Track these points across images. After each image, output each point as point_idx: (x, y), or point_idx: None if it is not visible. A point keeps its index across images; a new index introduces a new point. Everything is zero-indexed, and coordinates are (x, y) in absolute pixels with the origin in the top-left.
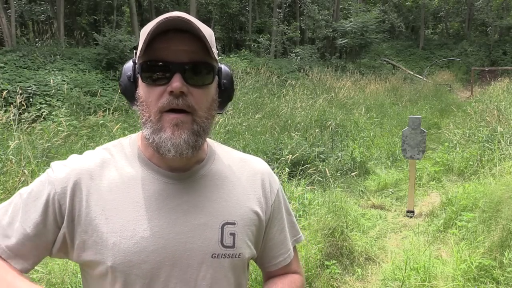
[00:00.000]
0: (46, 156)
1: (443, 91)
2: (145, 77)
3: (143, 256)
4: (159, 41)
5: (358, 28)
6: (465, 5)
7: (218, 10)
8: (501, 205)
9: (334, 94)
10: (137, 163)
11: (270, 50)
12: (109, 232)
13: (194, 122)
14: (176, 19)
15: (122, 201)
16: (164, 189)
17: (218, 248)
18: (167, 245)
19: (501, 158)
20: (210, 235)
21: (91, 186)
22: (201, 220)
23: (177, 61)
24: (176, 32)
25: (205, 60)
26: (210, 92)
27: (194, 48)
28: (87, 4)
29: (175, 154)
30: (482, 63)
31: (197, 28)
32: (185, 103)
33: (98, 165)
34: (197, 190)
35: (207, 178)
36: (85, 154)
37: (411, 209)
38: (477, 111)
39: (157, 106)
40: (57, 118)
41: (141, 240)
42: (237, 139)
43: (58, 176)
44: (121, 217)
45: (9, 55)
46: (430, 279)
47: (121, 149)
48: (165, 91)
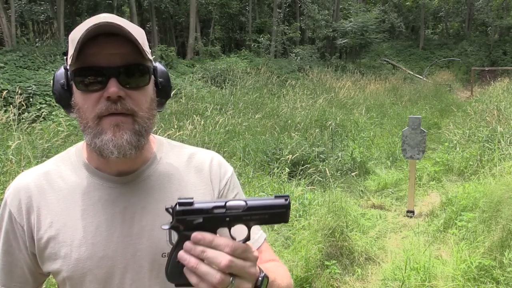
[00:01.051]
0: (46, 156)
1: (443, 91)
2: (79, 84)
3: (95, 262)
4: (90, 47)
5: (358, 28)
6: (465, 5)
7: (218, 10)
8: (501, 205)
9: (334, 94)
10: (82, 171)
11: (270, 50)
12: (60, 243)
13: (135, 123)
14: (105, 25)
15: (69, 211)
16: (109, 193)
17: (167, 247)
18: (117, 249)
19: (501, 158)
20: (159, 235)
21: (40, 200)
22: (148, 221)
23: (111, 65)
24: (106, 36)
25: (139, 61)
26: (148, 93)
27: (126, 50)
28: (87, 4)
29: (118, 155)
30: (482, 63)
31: (127, 32)
32: (124, 107)
33: (43, 178)
34: (143, 192)
35: (152, 178)
36: (31, 170)
37: (411, 209)
38: (477, 111)
39: (94, 112)
40: (57, 118)
41: (91, 246)
42: (237, 139)
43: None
44: (70, 227)
45: (9, 55)
46: (430, 279)
47: (68, 158)
48: (101, 96)
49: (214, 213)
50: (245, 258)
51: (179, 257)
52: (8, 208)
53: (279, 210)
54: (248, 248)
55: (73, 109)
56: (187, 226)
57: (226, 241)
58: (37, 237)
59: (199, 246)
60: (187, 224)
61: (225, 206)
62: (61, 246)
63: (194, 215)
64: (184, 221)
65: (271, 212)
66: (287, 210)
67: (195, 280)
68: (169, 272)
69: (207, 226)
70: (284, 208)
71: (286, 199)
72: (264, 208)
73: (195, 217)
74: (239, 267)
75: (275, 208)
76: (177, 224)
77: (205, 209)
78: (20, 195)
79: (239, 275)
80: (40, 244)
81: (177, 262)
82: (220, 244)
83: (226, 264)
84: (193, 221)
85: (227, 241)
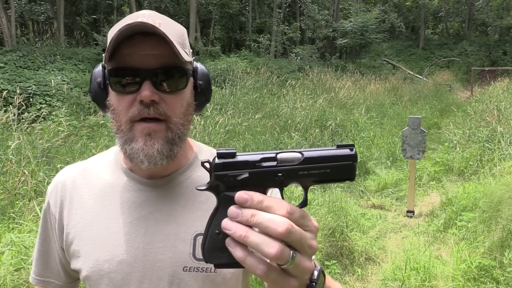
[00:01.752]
0: (46, 156)
1: (443, 91)
2: (113, 84)
3: (113, 265)
4: (126, 46)
5: (358, 28)
6: (465, 5)
7: (218, 10)
8: (501, 205)
9: (334, 94)
10: (118, 170)
11: (270, 50)
12: (85, 241)
13: (168, 130)
14: (139, 25)
15: (98, 209)
16: (138, 196)
17: (190, 261)
18: (137, 254)
19: (501, 158)
20: (182, 246)
21: (73, 195)
22: (173, 230)
23: (146, 67)
24: (143, 36)
25: (176, 63)
26: (185, 97)
27: (163, 51)
28: (87, 4)
29: (148, 165)
30: (482, 63)
31: (162, 33)
32: (157, 112)
33: (81, 173)
34: (171, 198)
35: (183, 185)
36: (73, 164)
37: (411, 209)
38: (477, 111)
39: (127, 115)
40: (57, 118)
41: (111, 248)
42: (237, 139)
43: (50, 191)
44: (95, 226)
45: (9, 55)
46: (430, 279)
47: (107, 156)
48: (135, 99)
49: (263, 167)
50: (304, 226)
51: (223, 226)
52: (47, 199)
53: (344, 162)
54: (307, 214)
55: (108, 109)
56: (229, 185)
57: (281, 201)
58: (66, 232)
59: (246, 209)
60: (229, 182)
61: (276, 158)
62: (84, 244)
63: (238, 170)
64: (225, 178)
65: (334, 166)
66: (353, 163)
67: (242, 254)
68: (207, 249)
69: (254, 184)
70: (350, 159)
71: (351, 148)
72: (325, 160)
73: (239, 172)
74: (298, 236)
75: (338, 160)
76: (216, 183)
77: (251, 161)
78: (58, 188)
79: (298, 248)
80: (67, 239)
81: (216, 234)
82: (272, 206)
83: (284, 229)
84: (237, 177)
85: (282, 202)
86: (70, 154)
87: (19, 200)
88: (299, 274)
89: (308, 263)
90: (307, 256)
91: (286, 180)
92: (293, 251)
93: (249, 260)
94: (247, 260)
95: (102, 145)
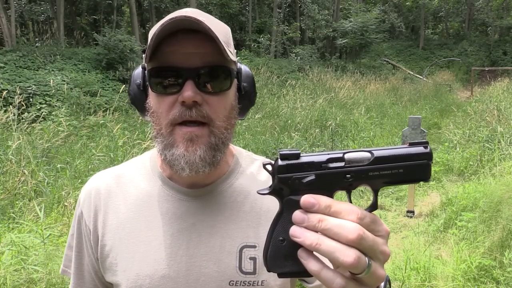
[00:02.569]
0: (46, 156)
1: (443, 91)
2: (153, 85)
3: (155, 280)
4: (168, 44)
5: (358, 28)
6: (465, 5)
7: (218, 10)
8: (501, 205)
9: (334, 94)
10: (155, 178)
11: (270, 50)
12: (122, 253)
13: (211, 135)
14: (183, 19)
15: (136, 220)
16: (178, 207)
17: (237, 275)
18: (180, 269)
19: (501, 158)
20: (227, 259)
21: (109, 204)
22: (217, 242)
23: (189, 66)
24: (186, 33)
25: (221, 63)
26: (229, 99)
27: (208, 50)
28: (87, 4)
29: (189, 173)
30: (482, 63)
31: (208, 28)
32: (200, 114)
33: (115, 181)
34: (215, 209)
35: (226, 194)
36: (105, 170)
37: (411, 209)
38: (477, 111)
39: (168, 118)
40: (57, 118)
41: (153, 262)
42: (237, 139)
43: (83, 199)
44: (134, 238)
45: (9, 55)
46: (430, 279)
47: (142, 163)
48: (176, 100)
49: (330, 168)
50: (375, 232)
51: (291, 233)
52: (80, 209)
53: (418, 162)
54: (377, 219)
55: (147, 112)
56: (293, 188)
57: (350, 206)
58: (101, 243)
59: (313, 214)
60: (293, 185)
61: (344, 159)
62: (122, 258)
63: (303, 172)
64: (290, 181)
65: (408, 165)
66: (429, 162)
67: (317, 267)
68: (270, 257)
69: (320, 187)
70: (425, 158)
71: (425, 146)
72: (398, 159)
73: (305, 174)
74: (371, 242)
75: (412, 159)
76: (279, 186)
77: (317, 162)
78: (91, 196)
79: (370, 255)
80: (103, 251)
81: (280, 241)
82: (341, 211)
83: (356, 236)
84: (302, 180)
85: (351, 206)
86: (70, 154)
87: (19, 200)
88: (373, 283)
89: (381, 271)
90: (380, 263)
91: (355, 182)
92: (368, 259)
93: (325, 273)
94: (323, 273)
95: (102, 145)
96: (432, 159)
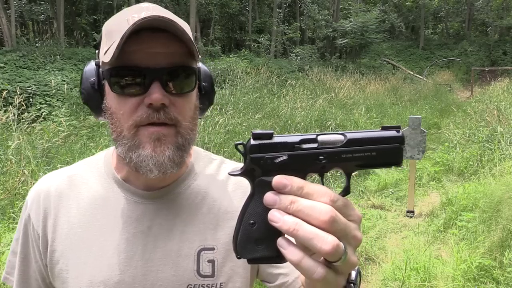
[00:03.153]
0: (46, 156)
1: (443, 91)
2: (115, 85)
3: (109, 287)
4: (131, 43)
5: (358, 28)
6: (465, 5)
7: (218, 10)
8: (501, 205)
9: (334, 94)
10: (108, 179)
11: (270, 50)
12: (74, 259)
13: (178, 135)
14: (157, 19)
15: (89, 224)
16: (133, 209)
17: (195, 278)
18: (136, 274)
19: (501, 158)
20: (184, 263)
21: (59, 207)
22: (174, 246)
23: (154, 66)
24: (152, 32)
25: (186, 63)
26: (192, 99)
27: (173, 49)
28: (87, 4)
29: (158, 174)
30: (482, 63)
31: (182, 30)
32: (167, 116)
33: (66, 182)
34: (171, 211)
35: (183, 196)
36: (56, 172)
37: (411, 209)
38: (477, 111)
39: (132, 119)
40: (57, 118)
41: (106, 268)
42: (237, 139)
43: (31, 202)
44: (86, 242)
45: (9, 55)
46: (430, 279)
47: (96, 164)
48: (141, 102)
49: (303, 149)
50: (347, 216)
51: (269, 217)
52: (28, 212)
53: (390, 145)
54: (350, 203)
55: (104, 114)
56: (265, 169)
57: (323, 188)
58: (51, 249)
59: (285, 196)
60: (265, 166)
61: (317, 140)
62: (74, 264)
63: (276, 152)
64: (262, 161)
65: (380, 149)
66: (401, 146)
67: (297, 256)
68: (240, 242)
69: (293, 168)
70: (397, 141)
71: (397, 130)
72: (371, 142)
73: (277, 154)
74: (343, 226)
75: (385, 142)
76: (251, 166)
77: (290, 142)
78: (39, 198)
79: (342, 238)
80: (53, 257)
81: (251, 224)
82: (314, 192)
83: (328, 217)
84: (274, 160)
85: (324, 188)
86: (70, 154)
87: (19, 200)
88: (346, 270)
89: (354, 257)
90: (353, 249)
91: (328, 164)
92: (345, 246)
93: (305, 262)
94: (303, 262)
95: (102, 145)
96: (404, 143)
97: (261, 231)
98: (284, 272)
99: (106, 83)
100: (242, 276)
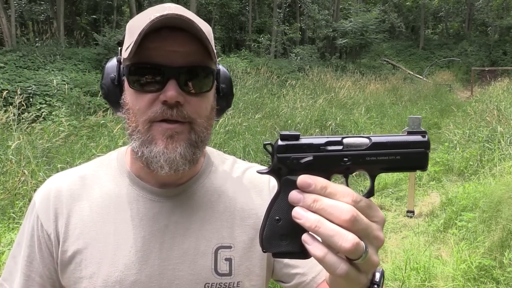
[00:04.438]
0: (46, 156)
1: (443, 91)
2: (132, 81)
3: (125, 286)
4: (151, 40)
5: (358, 28)
6: (465, 5)
7: (218, 10)
8: (501, 205)
9: (334, 94)
10: (123, 178)
11: (270, 50)
12: (88, 260)
13: (191, 131)
14: (175, 18)
15: (102, 223)
16: (149, 208)
17: (212, 277)
18: (152, 273)
19: (501, 158)
20: (202, 261)
21: (71, 207)
22: (191, 244)
23: (172, 64)
24: (171, 30)
25: (204, 63)
26: (209, 100)
27: (192, 49)
28: (87, 4)
29: (169, 171)
30: (482, 63)
31: (199, 29)
32: (181, 115)
33: (78, 182)
34: (188, 209)
35: (199, 194)
36: (66, 171)
37: (411, 209)
38: (477, 111)
39: (146, 115)
40: (57, 118)
41: (122, 268)
42: (237, 139)
43: (39, 202)
44: (101, 242)
45: (9, 55)
46: (430, 279)
47: (108, 163)
48: (157, 99)
49: (329, 151)
50: (369, 216)
51: (293, 214)
52: (36, 212)
53: (415, 149)
54: (373, 205)
55: (122, 109)
56: (291, 168)
57: (346, 188)
58: (62, 249)
59: (309, 194)
60: (291, 165)
61: (342, 142)
62: (88, 263)
63: (302, 153)
64: (288, 161)
65: (405, 153)
66: (426, 151)
67: (321, 252)
68: (265, 237)
69: (318, 169)
70: (422, 146)
71: (423, 135)
72: (395, 146)
73: (303, 155)
74: (364, 225)
75: (410, 147)
76: (278, 165)
77: (316, 144)
78: (50, 198)
79: (364, 238)
80: (64, 257)
81: (276, 220)
82: (337, 192)
83: (349, 217)
84: (300, 161)
85: (347, 189)
86: (70, 154)
87: (19, 200)
88: (367, 269)
89: (375, 257)
90: (374, 249)
91: (352, 166)
92: (365, 244)
93: (329, 258)
94: (327, 258)
95: (102, 145)
96: (429, 148)
97: (286, 227)
98: (302, 272)
99: (125, 79)
100: (259, 275)
